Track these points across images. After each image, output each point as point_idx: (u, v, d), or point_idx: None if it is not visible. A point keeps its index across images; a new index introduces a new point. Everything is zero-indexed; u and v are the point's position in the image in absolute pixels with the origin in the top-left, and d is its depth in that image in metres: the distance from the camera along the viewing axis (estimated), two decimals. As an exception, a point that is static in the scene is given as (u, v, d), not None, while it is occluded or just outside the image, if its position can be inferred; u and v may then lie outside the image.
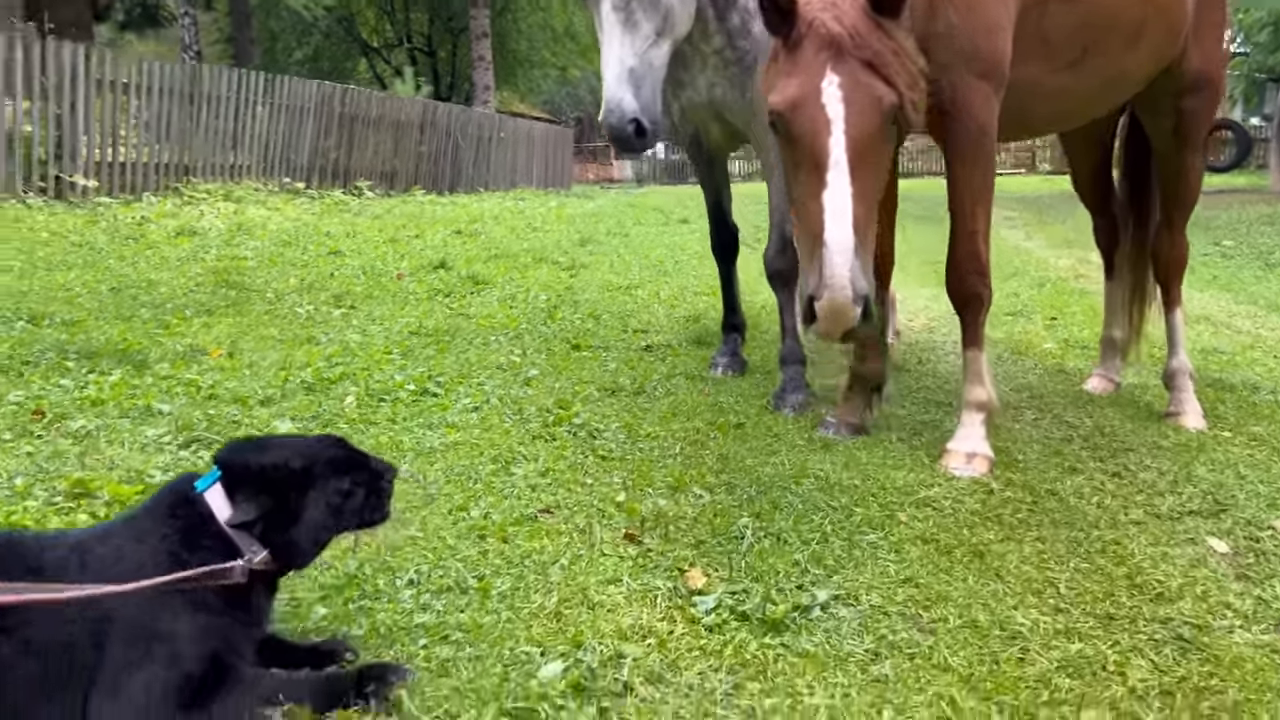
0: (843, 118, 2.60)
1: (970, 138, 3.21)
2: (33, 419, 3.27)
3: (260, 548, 1.77)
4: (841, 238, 2.54)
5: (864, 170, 2.62)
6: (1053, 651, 2.05)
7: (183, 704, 1.64)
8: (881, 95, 2.62)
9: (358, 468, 1.88)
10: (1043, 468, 3.26)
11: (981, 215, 3.31)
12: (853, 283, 2.51)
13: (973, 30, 3.09)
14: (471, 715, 1.73)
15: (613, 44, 3.36)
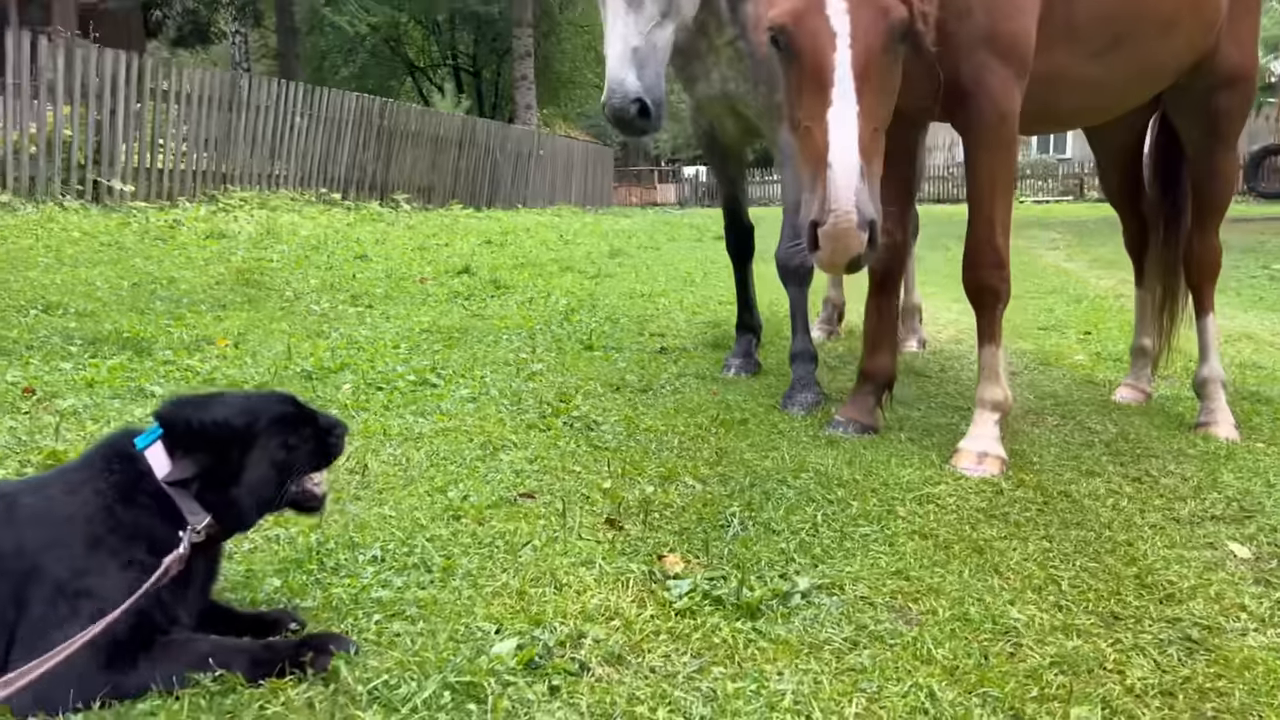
0: (848, 32, 2.47)
1: (989, 123, 3.09)
2: (23, 395, 3.24)
3: (201, 511, 1.69)
4: (847, 159, 2.40)
5: (870, 89, 2.48)
6: (1047, 647, 1.91)
7: (106, 663, 1.56)
8: (889, 6, 2.49)
9: (304, 423, 1.79)
10: (1058, 470, 3.11)
11: (1001, 206, 3.18)
12: (859, 206, 2.38)
13: (993, 11, 2.98)
14: (412, 688, 1.62)
15: (616, 24, 3.29)
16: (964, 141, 3.20)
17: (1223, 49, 3.70)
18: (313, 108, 13.95)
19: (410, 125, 16.42)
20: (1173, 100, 3.93)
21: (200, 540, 1.69)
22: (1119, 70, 3.49)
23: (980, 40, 2.98)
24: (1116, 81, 3.56)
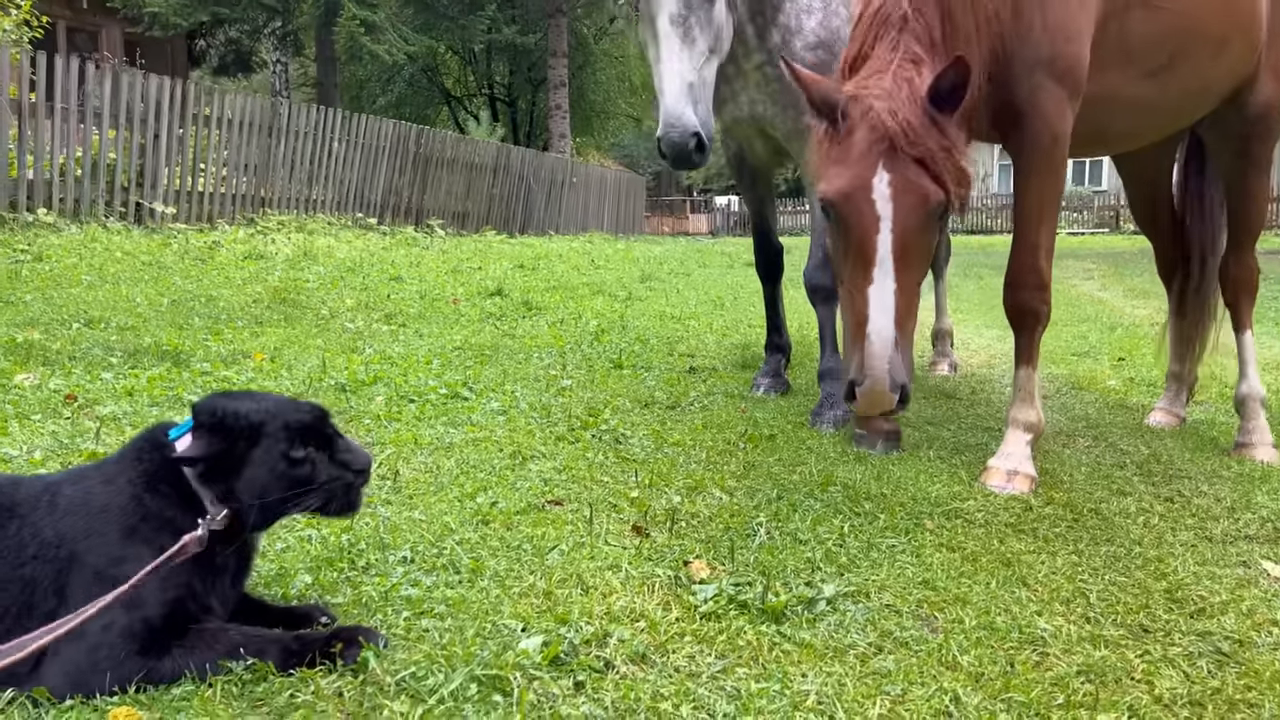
0: (891, 215, 2.63)
1: (1042, 146, 3.11)
2: (65, 402, 3.32)
3: (219, 502, 1.72)
4: (884, 332, 2.63)
5: (909, 265, 2.67)
6: (1074, 657, 1.90)
7: (140, 649, 1.60)
8: (929, 193, 2.63)
9: (321, 440, 1.78)
10: (1089, 488, 3.09)
11: (1046, 229, 3.20)
12: (891, 373, 2.60)
13: (1053, 34, 3.00)
14: (438, 679, 1.64)
15: (671, 59, 3.34)
16: (1015, 164, 3.21)
17: (1260, 76, 3.71)
18: (351, 134, 14.18)
19: (446, 152, 16.64)
20: (1207, 126, 3.92)
21: (220, 528, 1.71)
22: (1171, 91, 3.49)
23: (1038, 62, 3.00)
24: (1169, 102, 3.56)
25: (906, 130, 2.60)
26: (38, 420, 3.10)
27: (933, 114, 2.64)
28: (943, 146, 2.64)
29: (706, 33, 3.41)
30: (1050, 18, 2.99)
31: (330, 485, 1.76)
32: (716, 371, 4.98)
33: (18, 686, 1.56)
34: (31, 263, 7.38)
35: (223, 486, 1.72)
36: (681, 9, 3.37)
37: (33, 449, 2.78)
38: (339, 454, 1.78)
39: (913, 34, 2.75)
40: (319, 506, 1.78)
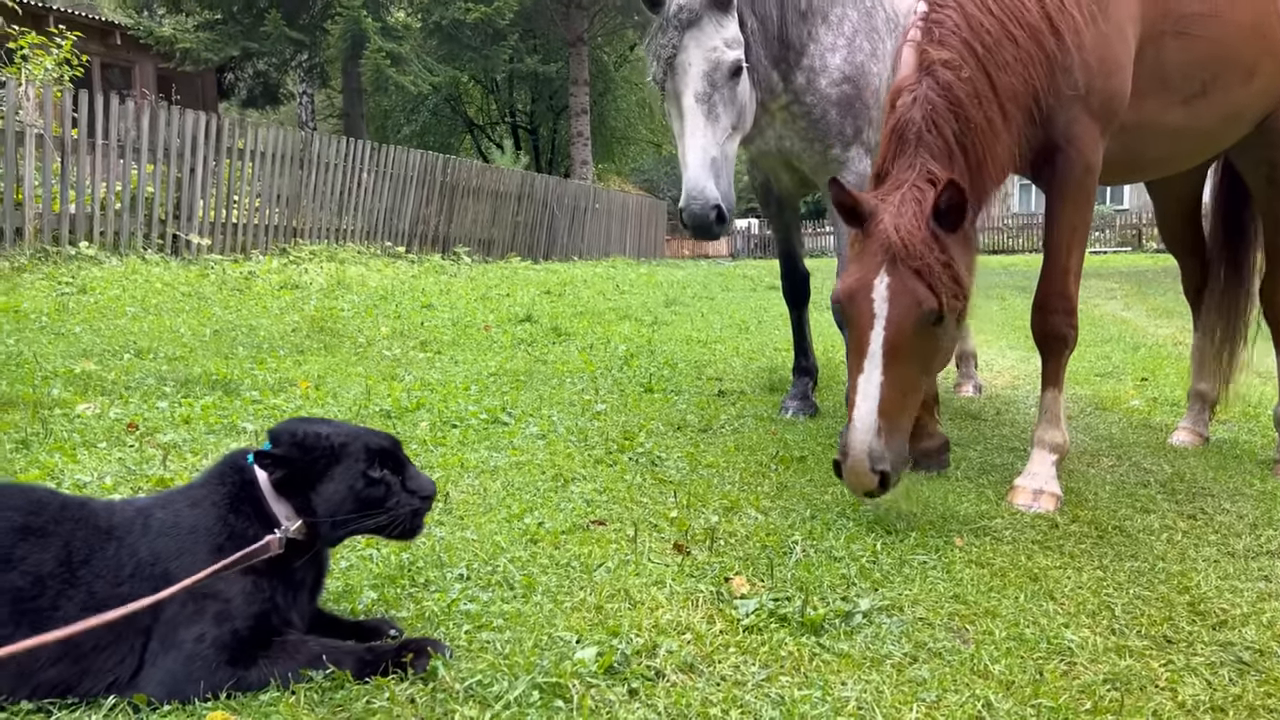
0: (885, 314, 2.81)
1: (1075, 175, 3.22)
2: (127, 430, 3.48)
3: (295, 515, 1.85)
4: (866, 419, 2.78)
5: (898, 361, 2.82)
6: (1100, 666, 2.00)
7: (230, 659, 1.73)
8: (922, 300, 2.79)
9: (395, 465, 1.92)
10: (1113, 506, 3.18)
11: (1076, 255, 3.31)
12: (870, 456, 2.74)
13: (1088, 68, 3.11)
14: (503, 686, 1.77)
15: (696, 134, 3.54)
16: (1047, 194, 3.32)
17: None
18: (379, 165, 14.46)
19: (471, 181, 16.90)
20: (1238, 149, 4.00)
21: (296, 539, 1.84)
22: (1206, 117, 3.59)
23: (1076, 96, 3.12)
24: (1203, 128, 3.65)
25: (907, 244, 2.79)
26: (103, 448, 3.26)
27: (935, 230, 2.82)
28: (940, 261, 2.81)
29: (730, 110, 3.61)
30: (1088, 55, 3.09)
31: (399, 508, 1.89)
32: (745, 394, 5.10)
33: (119, 693, 1.69)
34: (76, 295, 7.61)
35: (300, 500, 1.86)
36: (706, 87, 3.57)
37: (103, 475, 2.93)
38: (408, 480, 1.92)
39: (928, 150, 2.91)
40: (384, 527, 1.92)
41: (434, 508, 2.77)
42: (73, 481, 2.84)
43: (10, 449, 3.15)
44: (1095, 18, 3.08)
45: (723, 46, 3.58)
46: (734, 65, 3.59)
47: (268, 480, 1.86)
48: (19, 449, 3.16)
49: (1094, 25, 3.09)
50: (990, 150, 2.96)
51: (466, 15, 21.08)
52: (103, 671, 1.70)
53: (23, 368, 4.46)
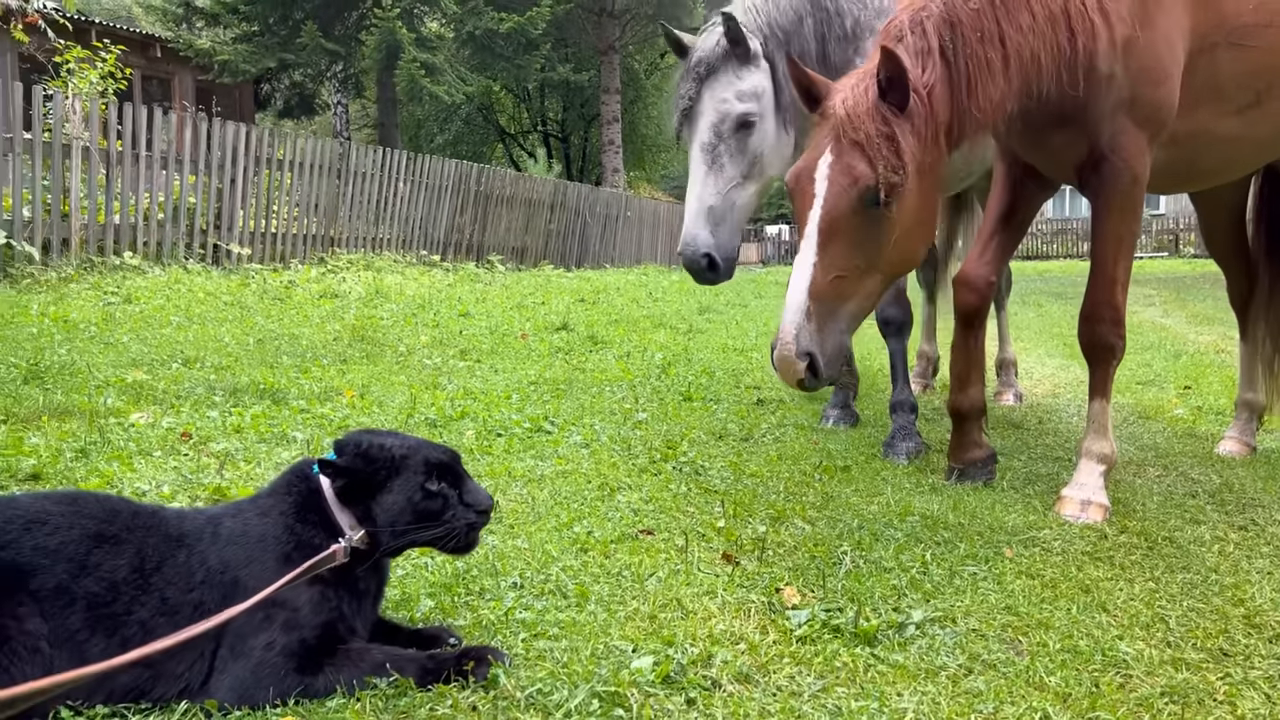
0: (824, 194, 2.77)
1: (1122, 185, 3.19)
2: (181, 439, 3.54)
3: (358, 525, 1.89)
4: (796, 299, 2.76)
5: (836, 243, 2.77)
6: (1157, 679, 1.99)
7: (298, 667, 1.77)
8: (859, 176, 2.73)
9: (453, 478, 1.95)
10: (1162, 517, 3.15)
11: (1124, 265, 3.29)
12: (797, 339, 2.71)
13: (1135, 77, 3.09)
14: (563, 695, 1.79)
15: (695, 184, 3.64)
16: (1093, 204, 3.30)
17: None
18: (415, 174, 14.59)
19: (505, 190, 17.01)
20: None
21: (359, 548, 1.88)
22: (1260, 126, 3.55)
23: (1120, 106, 3.10)
24: (1257, 137, 3.61)
25: (851, 116, 2.76)
26: (159, 457, 3.33)
27: (880, 106, 2.76)
28: (882, 133, 2.74)
29: (738, 161, 3.66)
30: (1135, 62, 3.07)
31: (455, 522, 1.93)
32: (784, 403, 5.11)
33: (190, 698, 1.74)
34: (122, 304, 7.74)
35: (361, 509, 1.90)
36: (712, 138, 3.65)
37: (160, 483, 3.00)
38: (465, 494, 1.95)
39: (907, 48, 2.85)
40: (441, 540, 1.95)
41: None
42: (132, 489, 2.90)
43: (70, 457, 3.22)
44: (1135, 26, 3.06)
45: (733, 99, 3.64)
46: (741, 118, 3.64)
47: (332, 490, 1.91)
48: (78, 457, 3.23)
49: (1137, 34, 3.06)
50: (981, 81, 2.87)
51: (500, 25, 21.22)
52: (175, 677, 1.74)
53: (76, 377, 4.55)
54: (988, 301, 3.56)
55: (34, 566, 1.68)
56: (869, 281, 2.87)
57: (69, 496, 1.86)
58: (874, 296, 2.94)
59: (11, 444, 3.31)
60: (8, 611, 1.62)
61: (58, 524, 1.74)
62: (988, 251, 3.53)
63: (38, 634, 1.63)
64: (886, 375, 5.89)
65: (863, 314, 2.94)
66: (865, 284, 2.87)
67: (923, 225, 2.93)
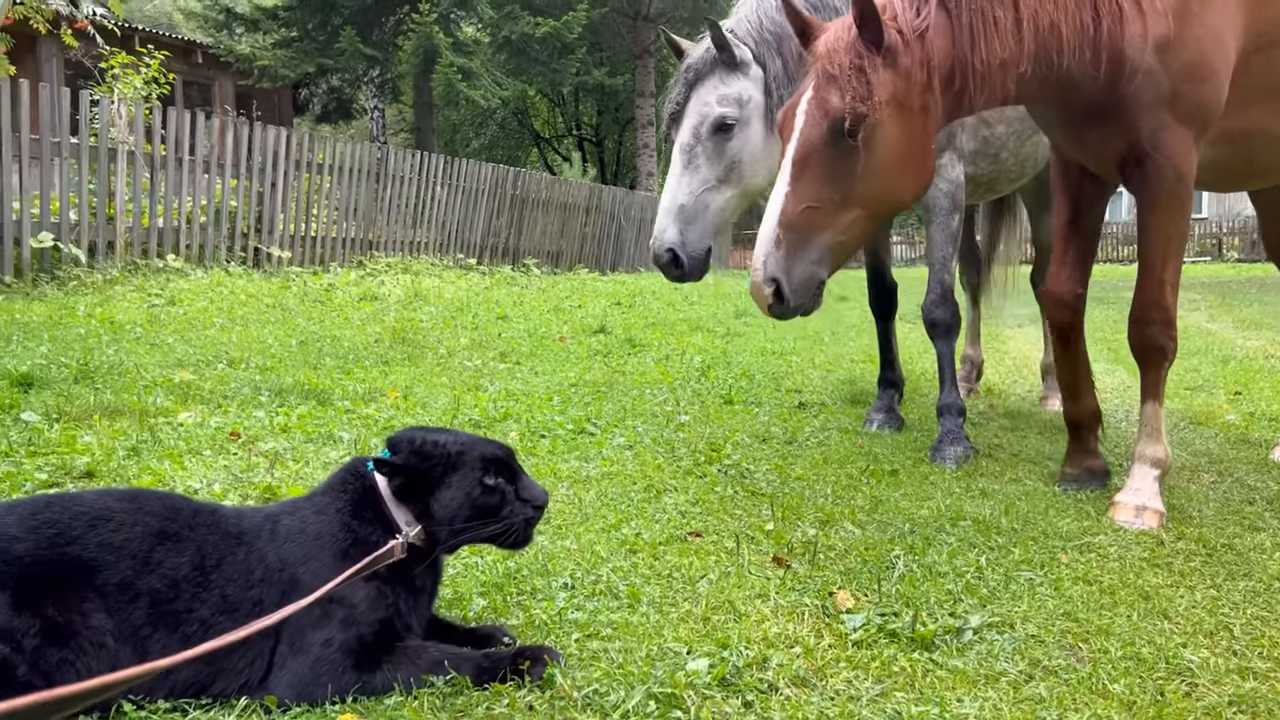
0: (800, 127, 2.84)
1: (1166, 183, 3.13)
2: (230, 439, 3.57)
3: (415, 521, 1.89)
4: (766, 228, 2.83)
5: (806, 175, 2.83)
6: (1223, 688, 1.95)
7: (356, 664, 1.77)
8: (830, 107, 2.79)
9: (509, 473, 1.95)
10: (1220, 524, 3.09)
11: (1172, 265, 3.23)
12: (765, 265, 2.79)
13: (1175, 73, 3.03)
14: (620, 696, 1.78)
15: (670, 181, 3.74)
16: (1138, 201, 3.24)
17: None
18: (451, 178, 14.67)
19: (541, 193, 17.06)
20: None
21: (416, 544, 1.88)
22: None
23: (1162, 101, 3.04)
24: None
25: (829, 51, 2.82)
26: (208, 456, 3.36)
27: (856, 42, 2.80)
28: (854, 65, 2.78)
29: (714, 163, 3.72)
30: (1176, 59, 3.02)
31: (514, 517, 1.92)
32: (826, 407, 5.07)
33: (249, 694, 1.74)
34: (166, 306, 7.85)
35: (418, 506, 1.90)
36: (690, 139, 3.73)
37: (211, 482, 3.02)
38: (521, 489, 1.95)
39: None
40: (499, 536, 1.95)
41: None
42: (184, 487, 2.93)
43: (122, 455, 3.26)
44: (1174, 21, 3.00)
45: (713, 103, 3.72)
46: (718, 121, 3.70)
47: (388, 487, 1.91)
48: (130, 456, 3.27)
49: (1181, 29, 3.01)
50: (985, 36, 2.86)
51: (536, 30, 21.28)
52: (234, 672, 1.75)
53: (125, 377, 4.61)
54: (1080, 314, 3.53)
55: (99, 563, 1.70)
56: (845, 216, 2.91)
57: (131, 494, 1.88)
58: (851, 231, 2.96)
59: (65, 442, 3.35)
60: (74, 607, 1.63)
61: (122, 521, 1.75)
62: (1067, 264, 3.50)
63: (103, 629, 1.65)
64: (931, 378, 5.86)
65: (843, 249, 2.98)
66: (840, 218, 2.90)
67: (909, 163, 2.93)
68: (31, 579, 1.62)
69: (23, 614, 1.58)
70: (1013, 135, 4.26)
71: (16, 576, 1.61)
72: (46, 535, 1.68)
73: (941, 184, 4.00)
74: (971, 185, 4.41)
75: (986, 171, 4.38)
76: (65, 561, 1.67)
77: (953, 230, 4.06)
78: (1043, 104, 3.25)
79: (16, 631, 1.57)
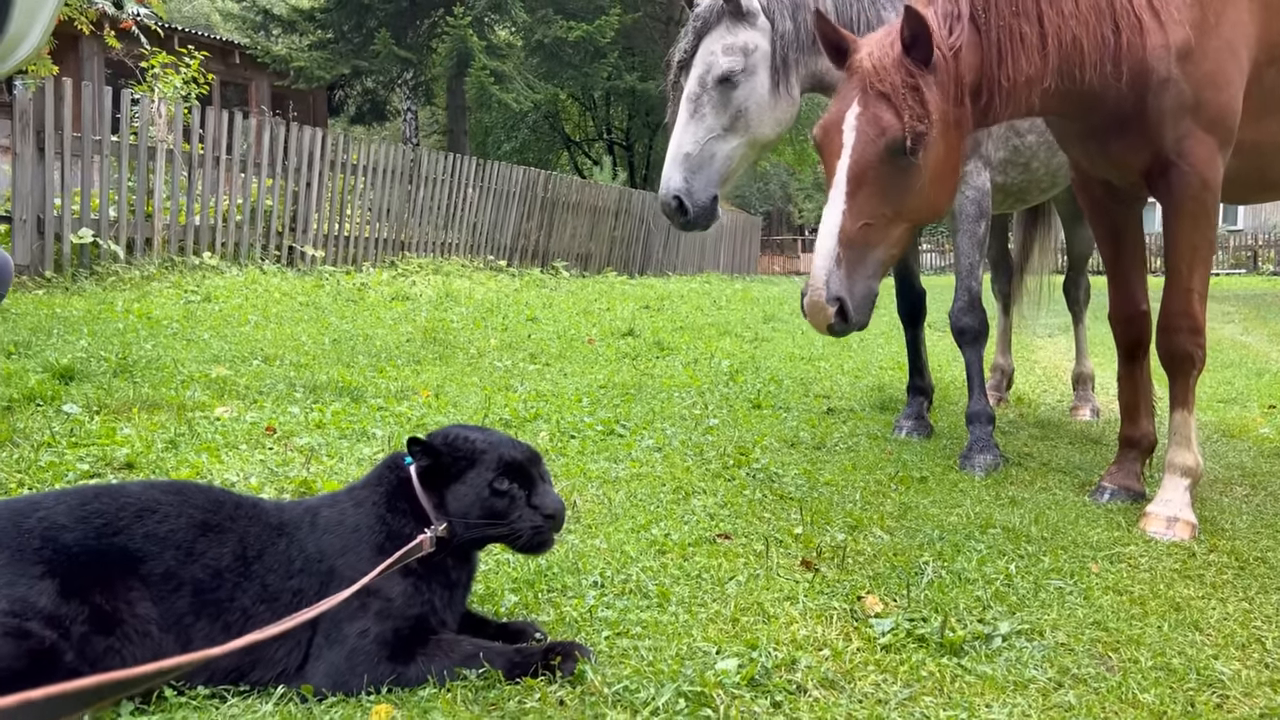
0: (852, 144, 2.83)
1: (1191, 191, 3.14)
2: (265, 434, 3.63)
3: (442, 517, 1.92)
4: (825, 246, 2.83)
5: (865, 192, 2.83)
6: (1255, 700, 1.94)
7: (391, 655, 1.80)
8: (886, 126, 2.78)
9: (525, 479, 1.96)
10: (1253, 537, 3.07)
11: (1200, 274, 3.23)
12: (827, 285, 2.79)
13: (1197, 82, 3.04)
14: (650, 693, 1.80)
15: (676, 131, 3.77)
16: (1164, 210, 3.24)
17: None
18: (483, 180, 14.77)
19: (571, 196, 17.13)
20: None
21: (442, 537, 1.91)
22: None
23: (1185, 109, 3.05)
24: None
25: (877, 68, 2.81)
26: (245, 450, 3.41)
27: (904, 60, 2.80)
28: (908, 84, 2.78)
29: (720, 113, 3.75)
30: (1196, 68, 3.02)
31: (520, 523, 1.93)
32: (855, 413, 5.06)
33: (286, 683, 1.78)
34: (201, 303, 7.96)
35: (437, 497, 1.93)
36: (696, 88, 3.76)
37: (248, 475, 3.07)
38: (534, 496, 1.96)
39: (936, 7, 2.89)
40: (510, 539, 1.96)
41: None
42: (222, 480, 2.98)
43: (160, 448, 3.32)
44: (1192, 30, 3.01)
45: (719, 52, 3.74)
46: (723, 72, 3.72)
47: (415, 470, 1.94)
48: (169, 448, 3.33)
49: (1200, 39, 3.02)
50: (1012, 52, 2.89)
51: (569, 34, 21.38)
52: (272, 661, 1.79)
53: (162, 372, 4.69)
54: (1146, 331, 3.53)
55: (144, 553, 1.74)
56: (895, 229, 2.94)
57: (175, 486, 1.93)
58: (900, 244, 3.00)
59: (106, 434, 3.42)
60: (120, 596, 1.68)
61: (166, 512, 1.80)
62: (1123, 283, 3.53)
63: (148, 618, 1.69)
64: (960, 387, 5.83)
65: (890, 261, 3.01)
66: (891, 232, 2.93)
67: (947, 177, 2.97)
68: (80, 567, 1.67)
69: (71, 601, 1.63)
70: (1044, 145, 4.24)
71: (66, 565, 1.66)
72: (95, 525, 1.73)
73: (968, 191, 4.00)
74: (1002, 194, 4.40)
75: (1017, 181, 4.36)
76: (112, 551, 1.72)
77: (979, 237, 4.05)
78: (1066, 117, 3.25)
79: (65, 618, 1.61)
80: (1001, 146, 4.19)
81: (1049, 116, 3.37)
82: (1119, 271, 3.54)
